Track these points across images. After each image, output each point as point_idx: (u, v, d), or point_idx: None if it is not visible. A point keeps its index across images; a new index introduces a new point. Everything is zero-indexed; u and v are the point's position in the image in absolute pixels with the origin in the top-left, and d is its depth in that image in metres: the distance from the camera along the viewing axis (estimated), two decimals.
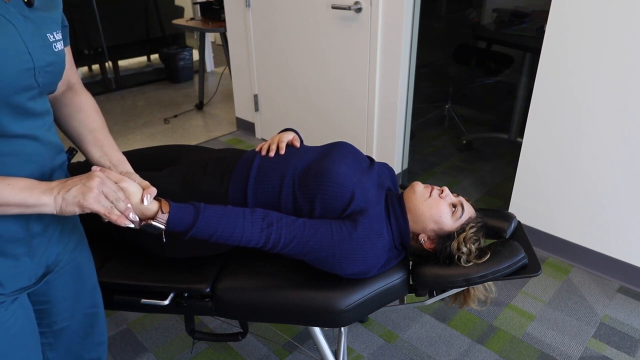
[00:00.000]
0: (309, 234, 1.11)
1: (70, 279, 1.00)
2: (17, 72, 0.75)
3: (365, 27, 2.43)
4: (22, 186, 0.78)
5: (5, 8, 0.74)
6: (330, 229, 1.13)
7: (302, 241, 1.10)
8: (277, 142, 1.31)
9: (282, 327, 1.83)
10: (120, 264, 1.31)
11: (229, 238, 1.07)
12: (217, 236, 1.06)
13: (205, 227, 1.04)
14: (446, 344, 1.76)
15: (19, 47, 0.75)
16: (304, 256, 1.13)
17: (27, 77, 0.77)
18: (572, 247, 2.15)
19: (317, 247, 1.11)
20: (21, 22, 0.76)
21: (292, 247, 1.11)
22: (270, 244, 1.10)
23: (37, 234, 0.88)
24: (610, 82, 1.81)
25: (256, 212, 1.11)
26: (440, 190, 1.27)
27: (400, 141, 2.64)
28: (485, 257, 1.20)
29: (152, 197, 0.98)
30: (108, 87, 4.56)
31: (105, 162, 1.00)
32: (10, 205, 0.77)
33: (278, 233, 1.09)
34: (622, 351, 1.72)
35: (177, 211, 1.02)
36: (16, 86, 0.76)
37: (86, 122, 1.01)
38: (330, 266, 1.14)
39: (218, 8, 3.57)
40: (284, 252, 1.12)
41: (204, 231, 1.05)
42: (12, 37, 0.74)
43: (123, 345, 1.76)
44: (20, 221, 0.84)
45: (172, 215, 1.01)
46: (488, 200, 2.69)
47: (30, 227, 0.86)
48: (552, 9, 1.87)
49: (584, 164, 1.99)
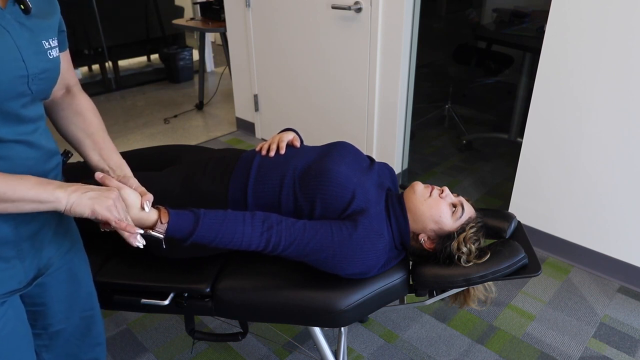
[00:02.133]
0: (309, 235, 1.11)
1: (64, 282, 0.99)
2: (10, 80, 0.75)
3: (365, 27, 2.43)
4: (34, 182, 0.79)
5: (1, 15, 0.74)
6: (331, 230, 1.12)
7: (302, 243, 1.10)
8: (277, 142, 1.31)
9: (282, 327, 1.83)
10: (120, 264, 1.31)
11: (229, 243, 1.07)
12: (217, 242, 1.06)
13: (205, 233, 1.04)
14: (446, 344, 1.76)
15: (13, 54, 0.75)
16: (304, 257, 1.13)
17: (20, 84, 0.77)
18: (572, 247, 2.15)
19: (317, 249, 1.11)
20: (16, 29, 0.76)
21: (293, 249, 1.10)
22: (270, 247, 1.09)
23: (27, 237, 0.88)
24: (610, 82, 1.81)
25: (256, 215, 1.11)
26: (440, 190, 1.27)
27: (400, 141, 2.64)
28: (485, 257, 1.20)
29: (151, 203, 0.98)
30: (108, 87, 4.57)
31: (103, 166, 1.00)
32: (24, 200, 0.77)
33: (278, 236, 1.09)
34: (622, 351, 1.72)
35: (177, 219, 1.02)
36: (9, 93, 0.76)
37: (84, 126, 1.01)
38: (330, 267, 1.14)
39: (218, 8, 3.57)
40: (284, 254, 1.12)
41: (203, 238, 1.04)
42: (7, 44, 0.74)
43: (123, 345, 1.76)
44: (10, 224, 0.84)
45: (171, 224, 1.01)
46: (488, 200, 2.69)
47: (19, 230, 0.85)
48: (552, 9, 1.87)
49: (584, 164, 1.99)
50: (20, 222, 0.85)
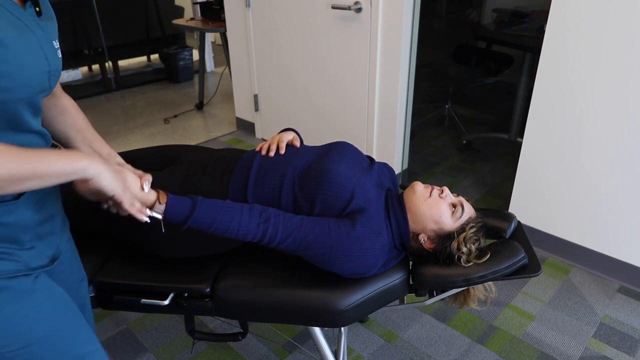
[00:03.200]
0: (306, 230, 1.12)
1: (66, 268, 1.04)
2: (39, 74, 0.81)
3: (365, 27, 2.43)
4: (59, 154, 0.80)
5: (24, 15, 0.79)
6: (328, 226, 1.13)
7: (298, 237, 1.11)
8: (277, 142, 1.31)
9: (282, 327, 1.83)
10: (120, 264, 1.31)
11: (225, 231, 1.09)
12: (214, 228, 1.08)
13: (203, 218, 1.07)
14: (446, 344, 1.76)
15: (39, 51, 0.80)
16: (301, 252, 1.14)
17: (45, 79, 0.83)
18: (572, 247, 2.15)
19: (314, 243, 1.12)
20: (36, 28, 0.82)
21: (289, 242, 1.12)
22: (266, 239, 1.11)
23: (45, 220, 0.92)
24: (610, 82, 1.81)
25: (254, 207, 1.13)
26: (440, 190, 1.27)
27: (400, 141, 2.64)
28: (485, 257, 1.20)
29: (150, 183, 1.04)
30: (108, 87, 4.57)
31: None
32: (54, 174, 0.78)
33: (275, 228, 1.11)
34: (622, 351, 1.72)
35: (175, 202, 1.06)
36: (38, 87, 0.82)
37: (72, 123, 1.06)
38: (328, 263, 1.15)
39: (218, 8, 3.57)
40: (280, 247, 1.13)
41: (200, 222, 1.07)
42: (32, 41, 0.80)
43: (123, 345, 1.76)
44: (31, 209, 0.87)
45: (169, 205, 1.05)
46: (488, 200, 2.69)
47: (40, 213, 0.90)
48: (552, 9, 1.87)
49: (584, 164, 1.99)
50: (40, 209, 0.90)
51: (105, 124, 3.78)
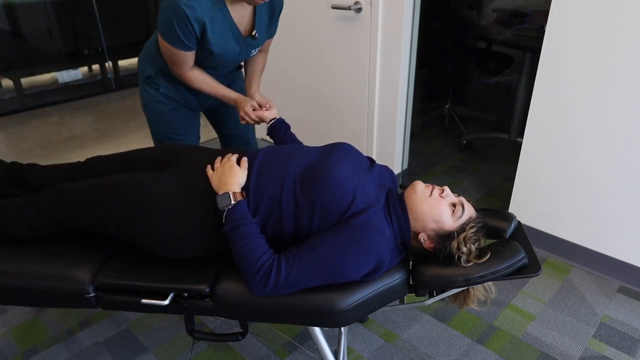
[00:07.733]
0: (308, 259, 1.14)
1: None
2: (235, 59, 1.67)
3: (365, 27, 2.43)
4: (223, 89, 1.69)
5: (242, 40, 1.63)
6: (328, 243, 1.15)
7: (305, 265, 1.14)
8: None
9: (282, 327, 1.83)
10: (120, 264, 1.31)
11: (247, 252, 1.16)
12: (236, 250, 1.17)
13: (240, 235, 1.16)
14: (446, 344, 1.76)
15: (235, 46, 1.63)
16: (313, 280, 1.16)
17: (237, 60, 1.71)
18: (572, 247, 2.15)
19: (321, 266, 1.14)
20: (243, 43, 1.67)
21: (296, 273, 1.14)
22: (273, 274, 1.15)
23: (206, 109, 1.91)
24: (610, 82, 1.81)
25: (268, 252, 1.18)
26: (440, 190, 1.27)
27: (400, 141, 2.64)
28: (485, 257, 1.20)
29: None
30: (108, 87, 4.56)
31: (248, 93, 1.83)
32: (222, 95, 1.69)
33: (277, 271, 1.15)
34: (622, 351, 1.72)
35: (236, 209, 1.18)
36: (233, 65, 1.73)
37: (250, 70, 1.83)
38: (339, 277, 1.16)
39: None
40: (290, 280, 1.15)
41: (235, 237, 1.17)
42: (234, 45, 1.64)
43: (123, 345, 1.76)
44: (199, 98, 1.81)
45: (231, 209, 1.18)
46: (488, 200, 2.69)
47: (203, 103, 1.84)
48: (552, 9, 1.87)
49: (584, 164, 1.99)
50: (203, 99, 1.82)
51: (105, 124, 3.78)
